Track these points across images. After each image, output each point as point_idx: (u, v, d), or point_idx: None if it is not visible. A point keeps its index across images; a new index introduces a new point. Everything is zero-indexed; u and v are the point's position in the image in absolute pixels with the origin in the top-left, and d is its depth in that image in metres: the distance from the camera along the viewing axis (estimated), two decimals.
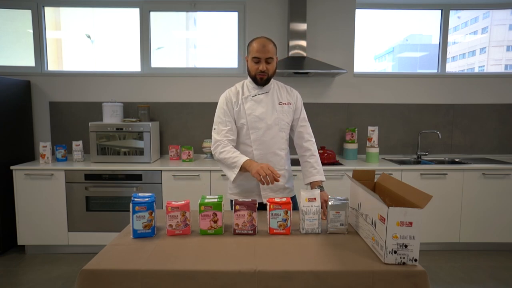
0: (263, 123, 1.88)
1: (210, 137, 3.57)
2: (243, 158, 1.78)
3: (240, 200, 1.53)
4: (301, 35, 3.38)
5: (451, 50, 3.82)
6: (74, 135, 3.60)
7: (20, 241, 3.12)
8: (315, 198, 1.55)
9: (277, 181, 1.67)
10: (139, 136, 3.20)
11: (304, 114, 2.00)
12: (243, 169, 1.77)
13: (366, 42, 3.79)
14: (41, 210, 3.07)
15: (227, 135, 1.88)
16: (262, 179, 1.66)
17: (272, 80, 1.97)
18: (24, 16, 3.59)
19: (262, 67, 1.82)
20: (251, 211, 1.52)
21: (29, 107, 3.53)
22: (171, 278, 1.19)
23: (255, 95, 1.91)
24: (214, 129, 1.92)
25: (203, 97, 3.61)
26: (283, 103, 1.93)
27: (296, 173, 2.92)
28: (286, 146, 1.99)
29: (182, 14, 3.80)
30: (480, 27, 5.52)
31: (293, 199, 2.00)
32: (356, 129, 3.54)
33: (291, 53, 3.38)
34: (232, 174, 1.83)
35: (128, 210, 1.51)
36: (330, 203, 1.53)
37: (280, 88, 1.98)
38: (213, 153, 1.90)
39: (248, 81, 1.96)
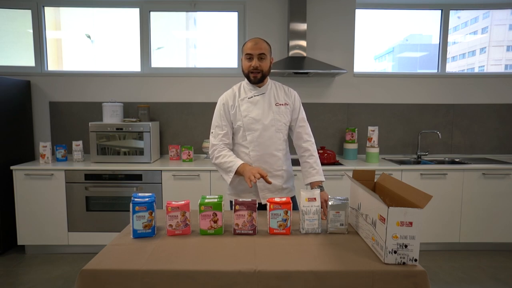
0: (259, 124, 1.88)
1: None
2: (237, 163, 1.83)
3: (240, 200, 1.53)
4: (301, 35, 3.38)
5: (451, 50, 3.82)
6: (74, 135, 3.60)
7: (20, 241, 3.12)
8: (315, 198, 1.55)
9: (268, 182, 1.72)
10: (139, 136, 3.20)
11: (302, 114, 1.99)
12: (238, 173, 1.82)
13: (366, 42, 3.79)
14: (41, 210, 3.07)
15: (223, 139, 1.92)
16: (252, 183, 1.70)
17: (270, 81, 1.97)
18: (24, 16, 3.59)
19: (255, 63, 1.82)
20: (251, 211, 1.52)
21: (29, 107, 3.53)
22: (171, 278, 1.19)
23: (251, 97, 1.91)
24: (212, 132, 1.95)
25: (203, 97, 3.61)
26: (280, 104, 1.92)
27: (296, 173, 2.92)
28: (284, 147, 1.98)
29: (182, 14, 3.80)
30: (480, 27, 5.52)
31: (293, 199, 2.00)
32: (356, 129, 3.54)
33: (291, 53, 3.38)
34: (228, 178, 1.88)
35: (128, 210, 1.52)
36: (330, 203, 1.53)
37: (278, 88, 1.98)
38: (210, 157, 1.95)
39: (245, 82, 1.96)
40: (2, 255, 3.15)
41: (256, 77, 1.85)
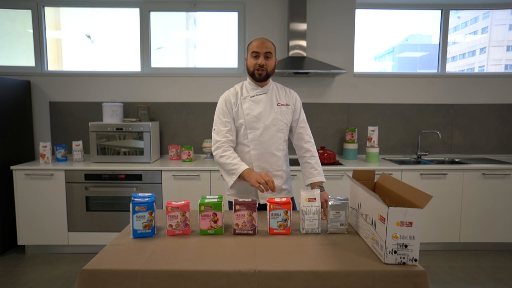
0: (261, 123, 1.89)
1: (210, 137, 3.58)
2: (242, 167, 1.80)
3: (240, 200, 1.53)
4: (301, 35, 3.38)
5: (451, 50, 3.81)
6: (74, 135, 3.60)
7: (20, 241, 3.12)
8: (315, 198, 1.55)
9: (273, 190, 1.70)
10: (139, 136, 3.20)
11: (303, 115, 2.01)
12: (242, 177, 1.79)
13: (366, 42, 3.78)
14: (41, 210, 3.07)
15: (227, 135, 1.89)
16: (261, 186, 1.68)
17: (272, 82, 1.98)
18: (24, 16, 3.59)
19: (261, 60, 1.83)
20: (251, 211, 1.52)
21: (29, 107, 3.53)
22: (171, 278, 1.19)
23: (254, 96, 1.92)
24: (214, 129, 1.93)
25: (203, 97, 3.61)
26: (282, 104, 1.94)
27: (295, 173, 2.92)
28: (285, 147, 1.99)
29: (182, 14, 3.80)
30: (480, 27, 5.52)
31: (291, 200, 2.00)
32: (356, 129, 3.54)
33: (291, 53, 3.38)
34: (230, 180, 1.85)
35: (128, 210, 1.52)
36: (330, 203, 1.54)
37: (279, 89, 2.00)
38: (213, 154, 1.91)
39: (247, 82, 1.97)
40: (2, 255, 3.15)
41: (261, 75, 1.86)
